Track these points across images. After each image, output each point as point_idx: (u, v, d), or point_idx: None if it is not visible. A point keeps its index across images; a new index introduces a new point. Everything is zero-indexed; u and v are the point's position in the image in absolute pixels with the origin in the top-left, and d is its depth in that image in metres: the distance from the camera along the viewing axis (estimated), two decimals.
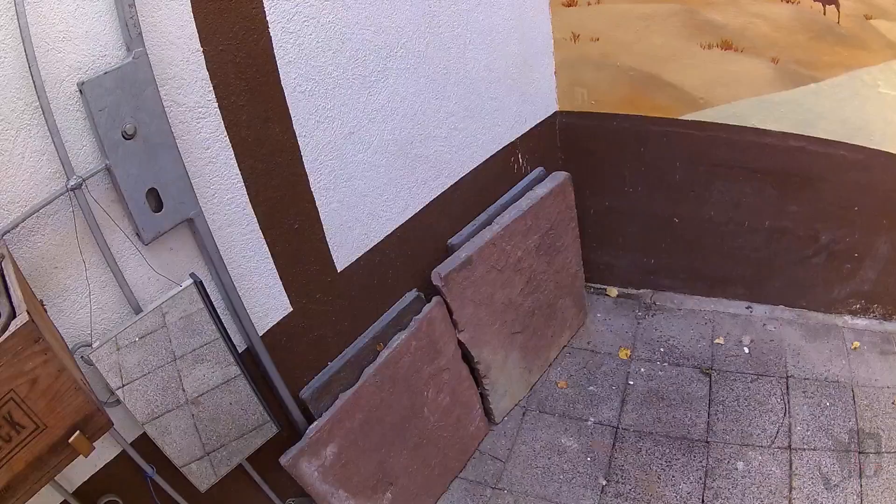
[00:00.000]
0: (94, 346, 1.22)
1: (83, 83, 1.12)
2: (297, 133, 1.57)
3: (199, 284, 1.33)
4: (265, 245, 1.56)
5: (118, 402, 1.29)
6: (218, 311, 1.41)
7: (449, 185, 2.18)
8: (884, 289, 2.79)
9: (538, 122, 2.57)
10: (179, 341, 1.30)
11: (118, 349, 1.22)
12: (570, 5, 2.46)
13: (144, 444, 1.39)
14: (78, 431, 0.91)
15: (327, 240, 1.73)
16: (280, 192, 1.58)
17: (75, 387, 0.90)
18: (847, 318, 2.79)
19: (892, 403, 2.40)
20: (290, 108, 1.54)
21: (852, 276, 2.79)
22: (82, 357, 1.22)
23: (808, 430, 2.26)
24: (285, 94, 1.52)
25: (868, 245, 2.71)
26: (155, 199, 1.27)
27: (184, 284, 1.31)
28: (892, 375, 2.48)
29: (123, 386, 1.23)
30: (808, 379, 2.47)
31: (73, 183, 1.14)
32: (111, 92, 1.16)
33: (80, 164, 1.17)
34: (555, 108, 2.63)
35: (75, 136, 1.16)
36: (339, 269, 1.80)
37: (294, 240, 1.65)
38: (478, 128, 2.25)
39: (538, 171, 2.58)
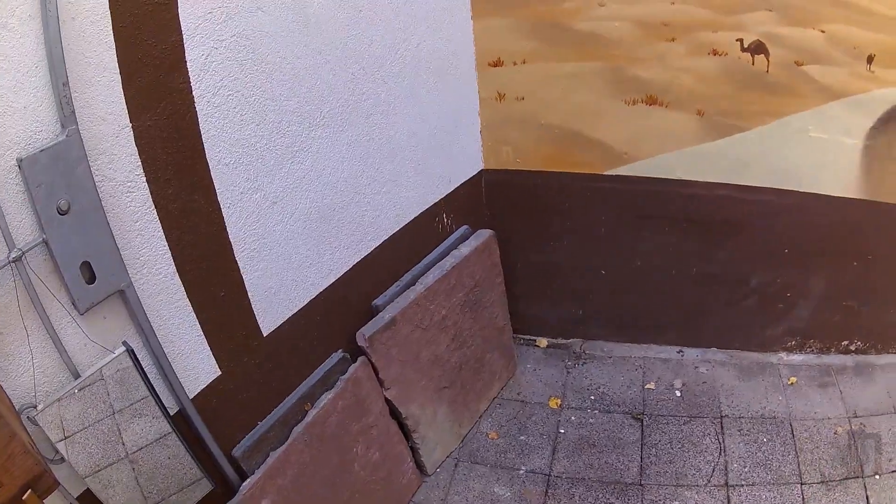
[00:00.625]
0: (39, 408, 1.46)
1: (22, 159, 1.32)
2: (221, 204, 1.84)
3: (130, 352, 1.60)
4: (192, 313, 1.82)
5: (62, 459, 1.52)
6: (149, 376, 1.66)
7: (373, 248, 2.50)
8: (820, 324, 3.17)
9: (463, 181, 2.95)
10: (116, 401, 1.56)
11: (60, 409, 1.47)
12: (496, 65, 2.86)
13: (90, 498, 1.60)
14: (30, 490, 1.12)
15: (252, 306, 2.01)
16: (206, 261, 1.84)
17: (24, 450, 1.11)
18: (782, 355, 3.16)
19: (835, 434, 2.74)
20: (214, 181, 1.80)
21: (786, 315, 3.16)
22: (28, 417, 1.45)
23: (745, 467, 2.58)
24: (210, 166, 1.78)
25: (800, 285, 3.11)
26: (88, 271, 1.52)
27: (116, 352, 1.58)
28: (833, 406, 2.84)
29: (66, 438, 1.47)
30: (743, 417, 2.82)
31: (13, 255, 1.35)
32: (47, 169, 1.36)
33: (20, 236, 1.37)
34: (480, 166, 3.02)
35: (16, 208, 1.33)
36: (265, 333, 2.08)
37: (220, 307, 1.92)
38: (401, 191, 2.59)
39: (463, 229, 2.95)
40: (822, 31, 2.73)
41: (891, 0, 2.69)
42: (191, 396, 1.87)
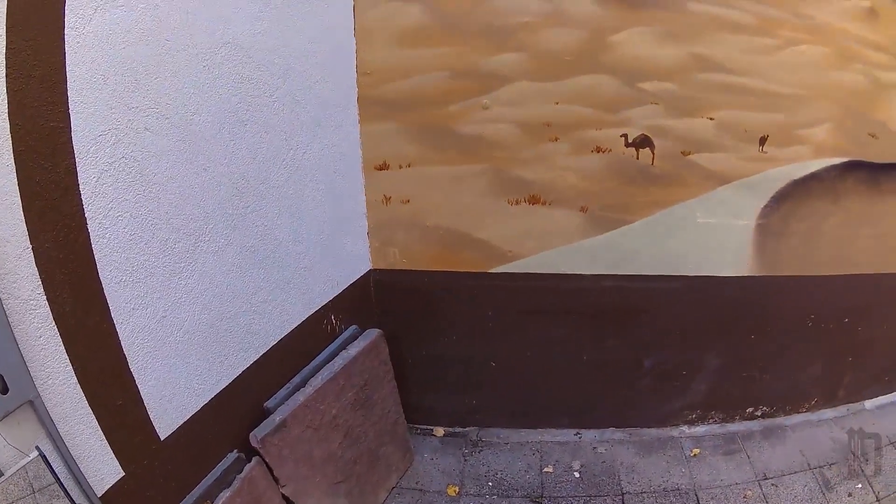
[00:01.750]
0: None
1: None
2: (115, 320, 2.26)
3: (42, 456, 2.04)
4: (95, 419, 2.25)
5: None
6: (61, 477, 2.08)
7: (262, 353, 3.01)
8: (721, 396, 3.80)
9: (351, 282, 3.54)
10: (34, 499, 2.00)
11: None
12: (382, 169, 3.51)
13: None
14: None
15: (149, 412, 2.46)
16: (104, 374, 2.27)
17: None
18: (684, 428, 3.78)
19: (744, 498, 3.29)
20: (108, 298, 2.22)
21: (683, 391, 3.80)
22: None
23: None
24: (103, 285, 2.20)
25: (696, 363, 3.75)
26: (2, 383, 1.92)
27: (31, 455, 2.01)
28: (740, 472, 3.41)
29: None
30: (645, 492, 3.39)
31: None
32: None
33: None
34: (369, 266, 3.63)
35: None
36: (162, 437, 2.52)
37: (119, 414, 2.34)
38: (288, 297, 3.12)
39: (352, 329, 3.53)
40: (711, 119, 3.47)
41: (785, 78, 3.50)
42: (99, 495, 2.27)
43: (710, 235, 3.60)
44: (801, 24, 3.58)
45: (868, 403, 4.39)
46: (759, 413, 3.96)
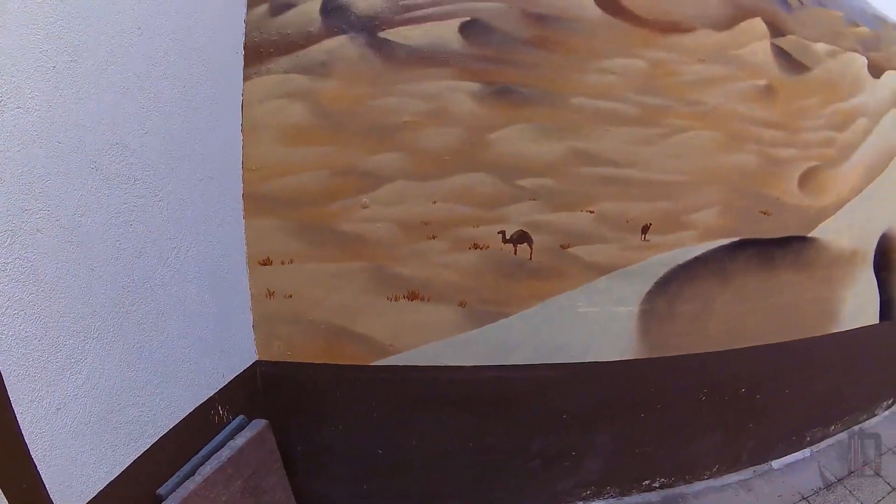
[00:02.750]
0: None
1: None
2: (16, 411, 2.63)
3: None
4: (4, 499, 2.55)
5: None
6: None
7: (152, 443, 3.37)
8: (615, 472, 4.20)
9: (238, 374, 3.93)
10: None
11: None
12: (265, 264, 3.89)
13: None
14: None
15: (51, 497, 2.81)
16: (9, 460, 2.65)
17: None
18: None
19: None
20: (8, 390, 2.57)
21: (575, 470, 4.19)
22: None
23: None
24: (3, 377, 2.55)
25: (585, 443, 4.11)
26: None
27: None
28: None
29: None
30: None
31: None
32: None
33: None
34: (255, 358, 4.03)
35: None
36: None
37: (25, 497, 2.71)
38: (175, 389, 3.51)
39: (239, 419, 3.93)
40: (591, 212, 3.92)
41: (670, 166, 3.92)
42: None
43: (592, 323, 4.04)
44: (689, 111, 4.01)
45: (775, 463, 4.94)
46: (657, 484, 4.44)
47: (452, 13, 3.95)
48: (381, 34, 3.91)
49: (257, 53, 3.82)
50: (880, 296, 5.30)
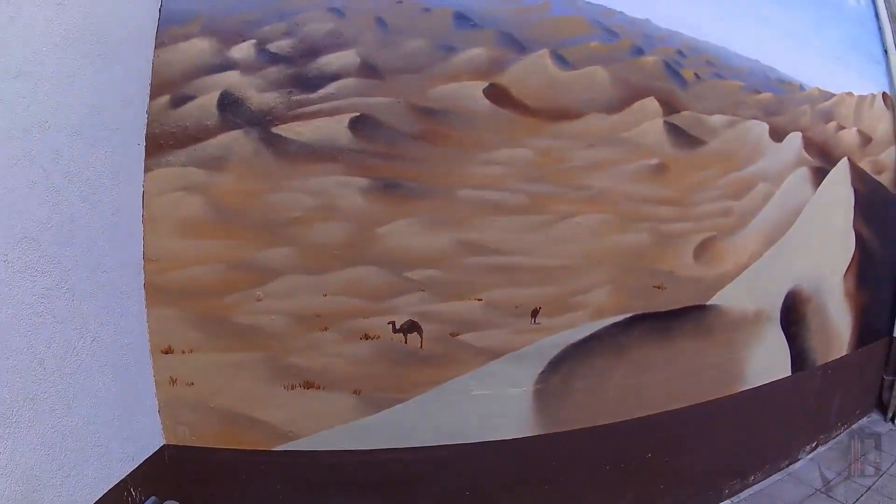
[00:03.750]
0: None
1: None
2: None
3: None
4: None
5: None
6: None
7: None
8: None
9: (147, 457, 4.07)
10: None
11: None
12: (167, 353, 4.02)
13: None
14: None
15: None
16: None
17: None
18: None
19: None
20: None
21: None
22: None
23: None
24: None
25: None
26: None
27: None
28: None
29: None
30: None
31: None
32: None
33: None
34: (162, 442, 4.17)
35: None
36: None
37: None
38: (89, 472, 3.62)
39: (151, 500, 4.04)
40: (480, 300, 4.04)
41: (559, 251, 4.05)
42: None
43: (487, 405, 4.15)
44: (577, 195, 4.13)
45: None
46: None
47: (342, 109, 4.06)
48: (274, 129, 4.02)
49: (157, 145, 3.93)
50: (791, 349, 5.45)
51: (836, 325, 5.89)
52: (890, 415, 6.79)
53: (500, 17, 4.28)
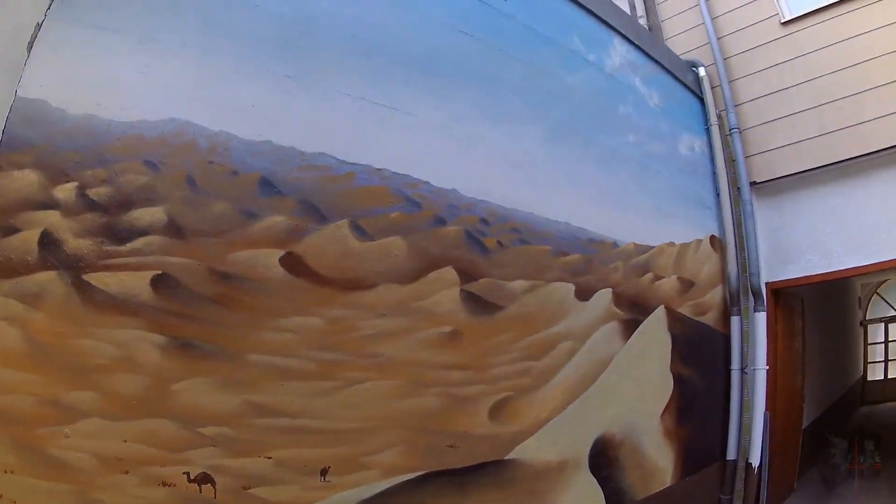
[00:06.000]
0: None
1: None
2: None
3: None
4: None
5: None
6: None
7: None
8: None
9: None
10: None
11: None
12: None
13: None
14: None
15: None
16: None
17: None
18: None
19: None
20: None
21: None
22: None
23: None
24: None
25: None
26: None
27: None
28: None
29: None
30: None
31: None
32: None
33: None
34: None
35: None
36: None
37: None
38: None
39: None
40: (269, 458, 4.15)
41: (344, 414, 4.21)
42: None
43: None
44: (367, 363, 4.29)
45: None
46: None
47: (146, 265, 4.16)
48: (85, 276, 4.06)
49: None
50: (604, 490, 5.61)
51: (656, 461, 6.12)
52: None
53: (304, 186, 4.43)
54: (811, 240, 7.62)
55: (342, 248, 4.45)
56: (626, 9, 9.08)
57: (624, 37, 6.90)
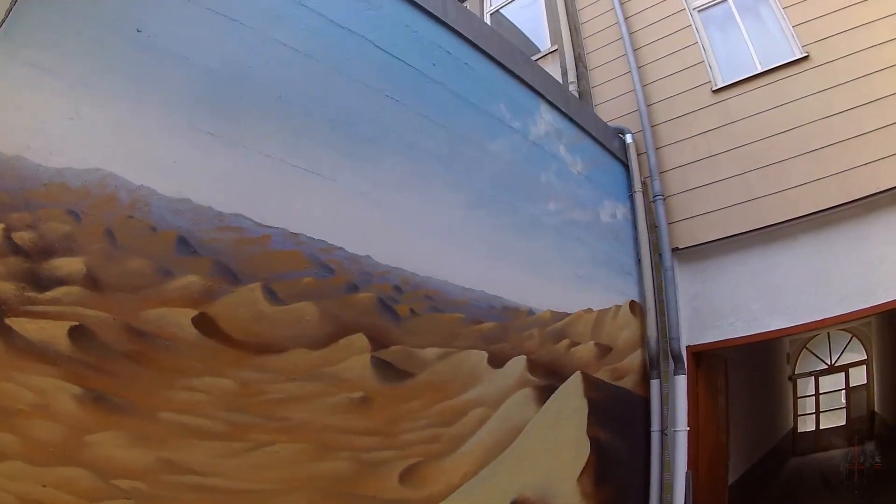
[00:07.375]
0: None
1: None
2: None
3: None
4: None
5: None
6: None
7: None
8: None
9: None
10: None
11: None
12: None
13: None
14: None
15: None
16: None
17: None
18: None
19: None
20: None
21: None
22: None
23: None
24: None
25: None
26: None
27: None
28: None
29: None
30: None
31: None
32: None
33: None
34: None
35: None
36: None
37: None
38: None
39: None
40: None
41: (252, 475, 4.32)
42: None
43: None
44: (276, 425, 4.39)
45: None
46: None
47: (65, 315, 4.15)
48: (7, 320, 4.01)
49: None
50: None
51: None
52: None
53: (219, 247, 4.53)
54: (734, 303, 7.87)
55: (254, 310, 4.54)
56: (559, 75, 9.33)
57: (551, 103, 7.08)
